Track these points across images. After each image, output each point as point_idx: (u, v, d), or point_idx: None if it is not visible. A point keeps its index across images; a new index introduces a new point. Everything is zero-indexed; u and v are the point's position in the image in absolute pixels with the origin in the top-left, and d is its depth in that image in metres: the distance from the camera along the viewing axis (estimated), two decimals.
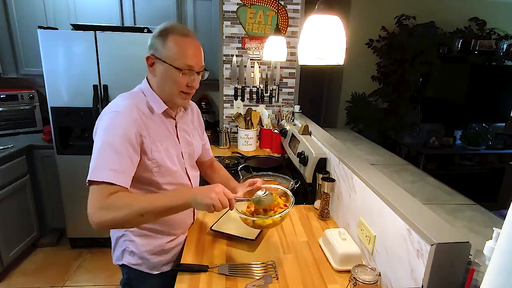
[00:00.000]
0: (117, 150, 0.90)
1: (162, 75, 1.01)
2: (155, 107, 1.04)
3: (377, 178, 1.12)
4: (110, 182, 0.87)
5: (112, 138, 0.91)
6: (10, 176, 2.26)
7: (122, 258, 1.12)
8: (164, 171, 1.04)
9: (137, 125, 0.96)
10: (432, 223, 0.81)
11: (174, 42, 0.98)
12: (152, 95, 1.04)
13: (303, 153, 1.64)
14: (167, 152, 1.05)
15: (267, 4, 2.33)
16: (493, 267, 0.36)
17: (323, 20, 0.85)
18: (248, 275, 1.03)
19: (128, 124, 0.94)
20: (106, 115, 0.96)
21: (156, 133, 1.03)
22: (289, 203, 1.09)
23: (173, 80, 1.00)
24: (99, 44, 2.25)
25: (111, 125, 0.94)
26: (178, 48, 0.98)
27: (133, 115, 0.96)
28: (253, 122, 2.45)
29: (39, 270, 2.40)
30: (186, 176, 1.16)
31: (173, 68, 0.98)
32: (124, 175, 0.90)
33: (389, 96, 3.40)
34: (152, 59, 1.01)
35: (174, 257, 1.18)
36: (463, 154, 3.71)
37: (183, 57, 0.98)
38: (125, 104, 0.98)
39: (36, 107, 2.75)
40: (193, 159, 1.22)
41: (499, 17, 3.43)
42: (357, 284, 0.87)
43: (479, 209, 1.61)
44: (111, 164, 0.89)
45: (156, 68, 1.01)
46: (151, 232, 1.10)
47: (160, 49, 0.98)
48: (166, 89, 1.03)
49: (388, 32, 3.31)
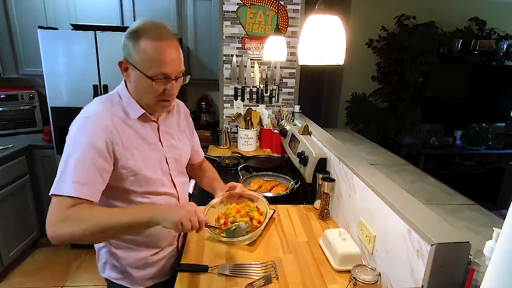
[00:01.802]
0: (81, 160, 0.83)
1: (136, 83, 0.93)
2: (131, 112, 0.96)
3: (377, 178, 1.12)
4: (72, 196, 0.80)
5: (77, 147, 0.85)
6: (10, 176, 2.26)
7: (104, 271, 1.07)
8: (141, 180, 0.96)
9: (108, 132, 0.88)
10: (432, 223, 0.81)
11: (146, 47, 0.87)
12: (128, 99, 0.96)
13: (303, 153, 1.64)
14: (145, 159, 0.97)
15: (267, 4, 2.33)
16: (493, 267, 0.36)
17: (323, 20, 0.85)
18: (248, 275, 1.03)
19: (96, 131, 0.87)
20: (76, 121, 0.90)
21: (133, 139, 0.95)
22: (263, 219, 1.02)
23: (148, 89, 0.91)
24: (99, 44, 2.25)
25: (78, 132, 0.87)
26: (151, 54, 0.87)
27: (103, 121, 0.89)
28: (253, 122, 2.45)
29: (39, 270, 2.40)
30: (171, 183, 1.07)
31: (146, 77, 0.89)
32: (88, 187, 0.83)
33: (389, 96, 3.40)
34: (125, 64, 0.92)
35: (161, 271, 1.11)
36: (463, 154, 3.71)
37: (157, 65, 0.88)
38: (97, 109, 0.91)
39: (36, 107, 2.76)
40: (180, 164, 1.12)
41: (499, 17, 3.43)
42: (357, 284, 0.87)
43: (479, 209, 1.61)
44: (74, 176, 0.82)
45: (130, 74, 0.92)
46: (133, 245, 1.03)
47: (132, 54, 0.89)
48: (143, 98, 0.95)
49: (388, 32, 3.31)
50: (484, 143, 3.67)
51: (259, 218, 1.03)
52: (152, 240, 1.06)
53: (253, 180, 1.78)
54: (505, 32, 3.40)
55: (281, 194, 1.60)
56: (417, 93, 3.33)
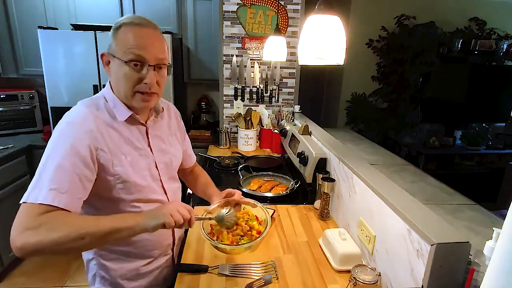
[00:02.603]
0: (61, 166, 0.77)
1: (114, 73, 0.89)
2: (118, 114, 0.91)
3: (377, 178, 1.12)
4: (48, 204, 0.73)
5: (58, 152, 0.78)
6: (10, 176, 2.26)
7: (94, 284, 1.02)
8: (130, 187, 0.91)
9: (92, 137, 0.83)
10: (432, 223, 0.81)
11: (124, 33, 0.86)
12: (113, 100, 0.91)
13: (303, 153, 1.64)
14: (134, 165, 0.92)
15: (267, 4, 2.33)
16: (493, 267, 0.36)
17: (323, 20, 0.85)
18: (248, 275, 1.03)
19: (79, 136, 0.81)
20: (58, 126, 0.84)
21: (120, 144, 0.90)
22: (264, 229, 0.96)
23: (124, 76, 0.86)
24: (99, 44, 2.25)
25: (60, 137, 0.81)
26: (128, 38, 0.85)
27: (87, 126, 0.84)
28: (253, 122, 2.45)
29: (39, 270, 2.40)
30: (162, 189, 1.01)
31: (122, 62, 0.85)
32: (67, 195, 0.76)
33: (389, 96, 3.40)
34: (106, 56, 0.90)
35: (153, 282, 1.05)
36: (463, 154, 3.71)
37: (133, 48, 0.85)
38: (80, 112, 0.86)
39: (36, 107, 2.75)
40: (171, 169, 1.07)
41: (499, 17, 3.43)
42: (357, 284, 0.87)
43: (479, 209, 1.61)
44: (52, 182, 0.75)
45: (111, 67, 0.90)
46: (123, 256, 0.98)
47: (112, 44, 0.88)
48: (121, 89, 0.89)
49: (388, 32, 3.31)
50: (484, 143, 3.67)
51: (259, 228, 0.98)
52: (143, 250, 1.00)
53: (253, 180, 1.78)
54: (505, 32, 3.40)
55: (281, 194, 1.60)
56: (417, 93, 3.33)
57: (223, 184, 1.75)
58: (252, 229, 0.98)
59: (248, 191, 1.61)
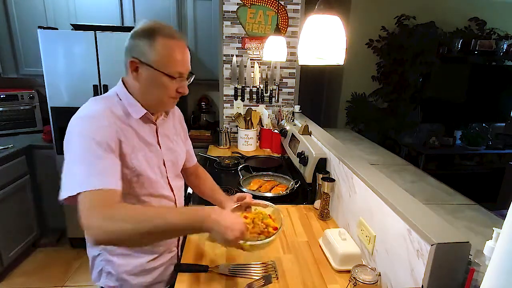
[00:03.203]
0: (98, 155, 0.81)
1: (149, 81, 0.91)
2: (132, 112, 0.94)
3: (377, 178, 1.12)
4: (103, 188, 0.77)
5: (90, 143, 0.81)
6: (10, 176, 2.26)
7: (99, 279, 1.03)
8: (144, 181, 0.95)
9: (114, 129, 0.87)
10: (432, 223, 0.81)
11: (164, 46, 0.88)
12: (129, 99, 0.94)
13: (303, 153, 1.64)
14: (147, 160, 0.96)
15: (267, 4, 2.33)
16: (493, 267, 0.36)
17: (323, 20, 0.85)
18: (248, 275, 1.03)
19: (103, 128, 0.85)
20: (77, 120, 0.86)
21: (134, 140, 0.93)
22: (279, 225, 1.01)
23: (163, 86, 0.91)
24: (99, 44, 2.25)
25: (86, 130, 0.83)
26: (168, 52, 0.89)
27: (108, 119, 0.87)
28: (253, 122, 2.45)
29: (39, 270, 2.40)
30: (168, 186, 1.05)
31: (164, 74, 0.89)
32: (112, 177, 0.81)
33: (389, 96, 3.40)
34: (137, 64, 0.90)
35: (159, 278, 1.07)
36: (463, 154, 3.71)
37: (175, 63, 0.90)
38: (98, 108, 0.89)
39: (36, 107, 2.76)
40: (177, 167, 1.11)
41: (499, 17, 3.43)
42: (357, 284, 0.87)
43: (479, 209, 1.61)
44: (98, 170, 0.79)
45: (142, 74, 0.91)
46: (130, 251, 1.01)
47: (147, 53, 0.88)
48: (154, 95, 0.94)
49: (388, 32, 3.31)
50: (484, 143, 3.67)
51: (274, 225, 1.03)
52: (149, 246, 1.03)
53: (253, 180, 1.78)
54: (505, 32, 3.40)
55: (281, 194, 1.60)
56: (417, 93, 3.33)
57: (223, 184, 1.75)
58: (268, 226, 1.01)
59: (248, 191, 1.61)
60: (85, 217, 0.75)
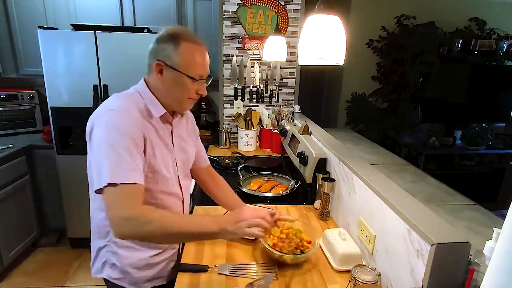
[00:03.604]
0: (128, 149, 0.86)
1: (172, 83, 0.97)
2: (154, 111, 0.99)
3: (377, 178, 1.12)
4: (132, 182, 0.84)
5: (117, 138, 0.86)
6: (10, 176, 2.26)
7: (103, 271, 1.06)
8: (158, 178, 0.99)
9: (139, 125, 0.92)
10: (432, 223, 0.81)
11: (188, 50, 0.94)
12: (151, 98, 0.99)
13: (303, 153, 1.64)
14: (163, 158, 1.01)
15: (267, 4, 2.33)
16: (493, 267, 0.36)
17: (323, 20, 0.85)
18: (248, 275, 1.03)
19: (130, 124, 0.90)
20: (104, 114, 0.90)
21: (155, 138, 0.98)
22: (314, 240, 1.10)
23: (185, 87, 0.97)
24: (99, 44, 2.25)
25: (113, 124, 0.88)
26: (192, 56, 0.95)
27: (134, 115, 0.92)
28: (253, 122, 2.45)
29: (39, 270, 2.40)
30: (178, 185, 1.09)
31: (186, 76, 0.95)
32: (139, 172, 0.88)
33: (389, 96, 3.40)
34: (161, 66, 0.95)
35: (160, 273, 1.10)
36: (463, 154, 3.71)
37: (197, 66, 0.96)
38: (123, 104, 0.94)
39: (36, 107, 2.76)
40: (187, 167, 1.16)
41: (499, 17, 3.43)
42: (357, 284, 0.87)
43: (479, 209, 1.61)
44: (127, 164, 0.85)
45: (165, 75, 0.96)
46: (135, 244, 1.04)
47: (172, 56, 0.94)
48: (175, 96, 1.00)
49: (388, 32, 3.31)
50: (484, 143, 3.67)
51: (308, 239, 1.11)
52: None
53: (253, 180, 1.78)
54: (505, 32, 3.40)
55: (281, 194, 1.60)
56: (417, 93, 3.32)
57: None
58: (303, 240, 1.08)
59: (248, 191, 1.61)
60: (113, 211, 0.82)
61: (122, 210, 0.81)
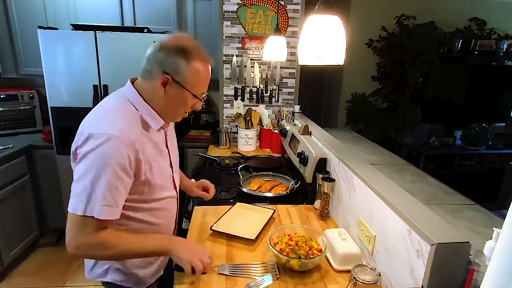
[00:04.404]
0: (112, 184, 0.84)
1: (174, 97, 0.94)
2: (152, 123, 0.97)
3: (377, 178, 1.12)
4: (102, 219, 0.84)
5: (107, 169, 0.83)
6: (10, 176, 2.26)
7: (107, 276, 1.05)
8: (154, 189, 0.99)
9: (134, 150, 0.88)
10: (432, 223, 0.81)
11: (198, 69, 0.92)
12: (146, 109, 0.95)
13: (303, 153, 1.64)
14: (159, 168, 1.00)
15: (267, 4, 2.33)
16: (493, 267, 0.36)
17: (323, 20, 0.85)
18: (248, 275, 1.03)
19: (125, 151, 0.85)
20: (100, 138, 0.83)
21: (151, 151, 0.96)
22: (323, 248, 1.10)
23: (185, 103, 0.97)
24: (99, 44, 2.25)
25: (107, 152, 0.83)
26: (201, 76, 0.94)
27: (131, 139, 0.87)
28: (253, 122, 2.45)
29: (39, 270, 2.40)
30: (173, 185, 1.11)
31: (190, 94, 0.94)
32: (116, 209, 0.87)
33: (389, 96, 3.40)
34: (167, 79, 0.91)
35: (161, 266, 1.15)
36: (463, 154, 3.71)
37: (202, 85, 0.97)
38: (124, 126, 0.88)
39: (36, 107, 2.75)
40: (177, 163, 1.18)
41: (499, 17, 3.43)
42: (357, 284, 0.87)
43: (479, 209, 1.61)
44: (104, 199, 0.83)
45: (169, 89, 0.92)
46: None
47: (181, 73, 0.91)
48: (173, 109, 0.98)
49: (388, 32, 3.31)
50: (484, 143, 3.67)
51: (318, 247, 1.11)
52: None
53: (253, 180, 1.78)
54: (505, 32, 3.40)
55: (281, 194, 1.60)
56: (417, 93, 3.32)
57: (223, 184, 1.75)
58: (312, 248, 1.09)
59: (248, 191, 1.61)
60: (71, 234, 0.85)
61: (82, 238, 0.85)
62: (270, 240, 1.10)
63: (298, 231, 1.21)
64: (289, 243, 1.10)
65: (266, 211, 1.41)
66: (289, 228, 1.22)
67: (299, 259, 1.02)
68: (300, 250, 1.06)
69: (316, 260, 1.04)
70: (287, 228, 1.23)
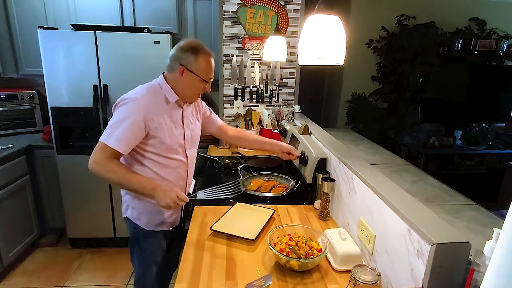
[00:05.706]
0: (128, 129, 1.20)
1: (189, 83, 1.32)
2: (170, 98, 1.34)
3: (377, 178, 1.12)
4: (113, 148, 1.18)
5: (130, 117, 1.21)
6: (10, 176, 2.26)
7: (126, 212, 1.42)
8: (164, 148, 1.32)
9: (149, 110, 1.25)
10: (432, 223, 0.81)
11: (204, 60, 1.30)
12: (168, 89, 1.33)
13: (303, 153, 1.64)
14: (171, 133, 1.33)
15: (267, 4, 2.33)
16: (493, 267, 0.36)
17: (323, 20, 0.85)
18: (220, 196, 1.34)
19: (141, 111, 1.23)
20: (126, 99, 1.24)
21: (165, 117, 1.31)
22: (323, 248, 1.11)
23: (197, 86, 1.33)
24: (99, 44, 2.25)
25: (129, 108, 1.23)
26: (207, 65, 1.31)
27: (148, 102, 1.26)
28: (253, 122, 2.45)
29: (39, 270, 2.40)
30: (184, 153, 1.43)
31: (201, 79, 1.31)
32: (125, 144, 1.21)
33: (389, 96, 3.40)
34: (183, 70, 1.29)
35: (166, 220, 1.44)
36: (463, 154, 3.71)
37: (209, 72, 1.33)
38: (143, 93, 1.28)
39: (36, 107, 2.75)
40: (193, 140, 1.48)
41: (499, 17, 3.42)
42: (357, 284, 0.87)
43: (479, 209, 1.61)
44: (119, 136, 1.19)
45: (185, 76, 1.30)
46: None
47: (192, 64, 1.28)
48: (189, 91, 1.35)
49: (388, 32, 3.31)
50: (484, 143, 3.67)
51: (319, 247, 1.11)
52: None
53: (253, 180, 1.78)
54: (505, 32, 3.39)
55: (281, 194, 1.60)
56: (417, 93, 3.32)
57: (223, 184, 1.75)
58: (312, 248, 1.10)
59: (248, 191, 1.61)
60: (93, 155, 1.20)
61: (98, 157, 1.19)
62: (270, 240, 1.10)
63: (298, 231, 1.21)
64: (289, 243, 1.10)
65: (266, 211, 1.41)
66: (289, 228, 1.22)
67: (299, 259, 1.02)
68: (300, 250, 1.06)
69: (316, 260, 1.04)
70: (287, 228, 1.23)
